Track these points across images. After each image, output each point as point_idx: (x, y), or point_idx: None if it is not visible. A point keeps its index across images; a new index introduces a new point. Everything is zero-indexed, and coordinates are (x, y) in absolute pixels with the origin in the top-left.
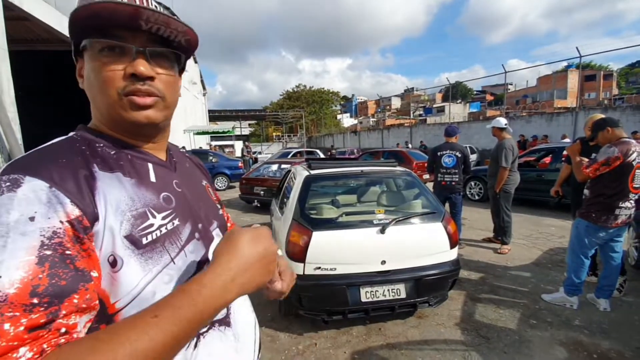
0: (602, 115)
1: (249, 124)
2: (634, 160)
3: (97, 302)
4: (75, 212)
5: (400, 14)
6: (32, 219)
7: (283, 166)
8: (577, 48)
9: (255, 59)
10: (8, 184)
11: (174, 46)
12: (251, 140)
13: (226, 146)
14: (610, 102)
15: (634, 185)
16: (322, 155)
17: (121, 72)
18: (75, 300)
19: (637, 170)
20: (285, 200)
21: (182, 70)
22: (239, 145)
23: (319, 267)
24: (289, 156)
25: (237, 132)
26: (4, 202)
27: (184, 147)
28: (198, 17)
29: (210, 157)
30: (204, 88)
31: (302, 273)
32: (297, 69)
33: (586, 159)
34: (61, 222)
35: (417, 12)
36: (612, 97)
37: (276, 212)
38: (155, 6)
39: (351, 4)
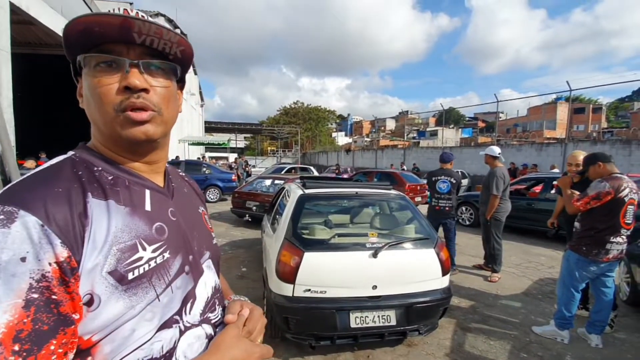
0: (585, 153)
1: (245, 137)
2: (625, 196)
3: (75, 342)
4: (64, 253)
5: (401, 40)
6: (23, 259)
7: (277, 182)
8: (567, 82)
9: (256, 74)
10: (2, 216)
11: (170, 59)
12: (246, 154)
13: (219, 158)
14: (599, 135)
15: (626, 221)
16: (316, 173)
17: (115, 86)
18: (52, 347)
19: (629, 206)
20: (277, 217)
21: (181, 83)
22: (233, 157)
23: (309, 290)
24: (283, 172)
25: (232, 144)
26: None
27: (177, 157)
28: (202, 31)
29: (204, 169)
30: (202, 99)
31: (291, 295)
32: (296, 85)
33: (577, 192)
34: (49, 263)
35: (418, 39)
36: (600, 130)
37: (268, 228)
38: (148, 18)
39: (355, 29)
